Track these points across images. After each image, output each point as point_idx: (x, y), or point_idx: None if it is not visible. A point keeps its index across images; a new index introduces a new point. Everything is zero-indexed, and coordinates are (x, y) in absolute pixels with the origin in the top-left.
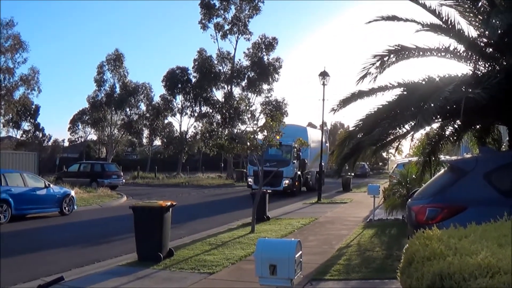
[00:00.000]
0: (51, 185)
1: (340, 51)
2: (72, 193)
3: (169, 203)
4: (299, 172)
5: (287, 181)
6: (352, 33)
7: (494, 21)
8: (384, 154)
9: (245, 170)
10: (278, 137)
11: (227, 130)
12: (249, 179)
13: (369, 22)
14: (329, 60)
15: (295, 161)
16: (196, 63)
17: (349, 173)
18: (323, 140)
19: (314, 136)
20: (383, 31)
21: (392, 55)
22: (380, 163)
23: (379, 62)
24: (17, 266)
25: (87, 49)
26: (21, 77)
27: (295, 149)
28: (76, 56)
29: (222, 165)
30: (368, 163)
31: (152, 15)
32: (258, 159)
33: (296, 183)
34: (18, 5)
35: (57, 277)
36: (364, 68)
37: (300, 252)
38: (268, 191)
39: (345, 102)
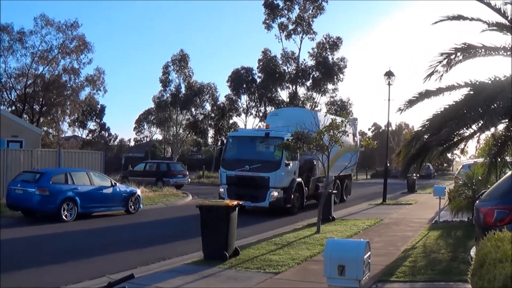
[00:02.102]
0: (117, 184)
1: (401, 49)
2: (138, 192)
3: (235, 203)
4: (298, 179)
5: (275, 193)
6: (413, 31)
7: None
8: (449, 155)
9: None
10: (268, 126)
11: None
12: (221, 189)
13: (435, 22)
14: (391, 58)
15: (290, 163)
16: (261, 63)
17: (414, 174)
18: (353, 132)
19: None
20: (444, 29)
21: (459, 54)
22: (445, 164)
23: (446, 60)
24: (83, 263)
25: (152, 49)
26: (86, 77)
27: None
28: (141, 56)
29: None
30: (433, 164)
31: (216, 15)
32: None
33: (292, 196)
34: (84, 5)
35: (128, 274)
36: (430, 66)
37: (369, 253)
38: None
39: (411, 102)
